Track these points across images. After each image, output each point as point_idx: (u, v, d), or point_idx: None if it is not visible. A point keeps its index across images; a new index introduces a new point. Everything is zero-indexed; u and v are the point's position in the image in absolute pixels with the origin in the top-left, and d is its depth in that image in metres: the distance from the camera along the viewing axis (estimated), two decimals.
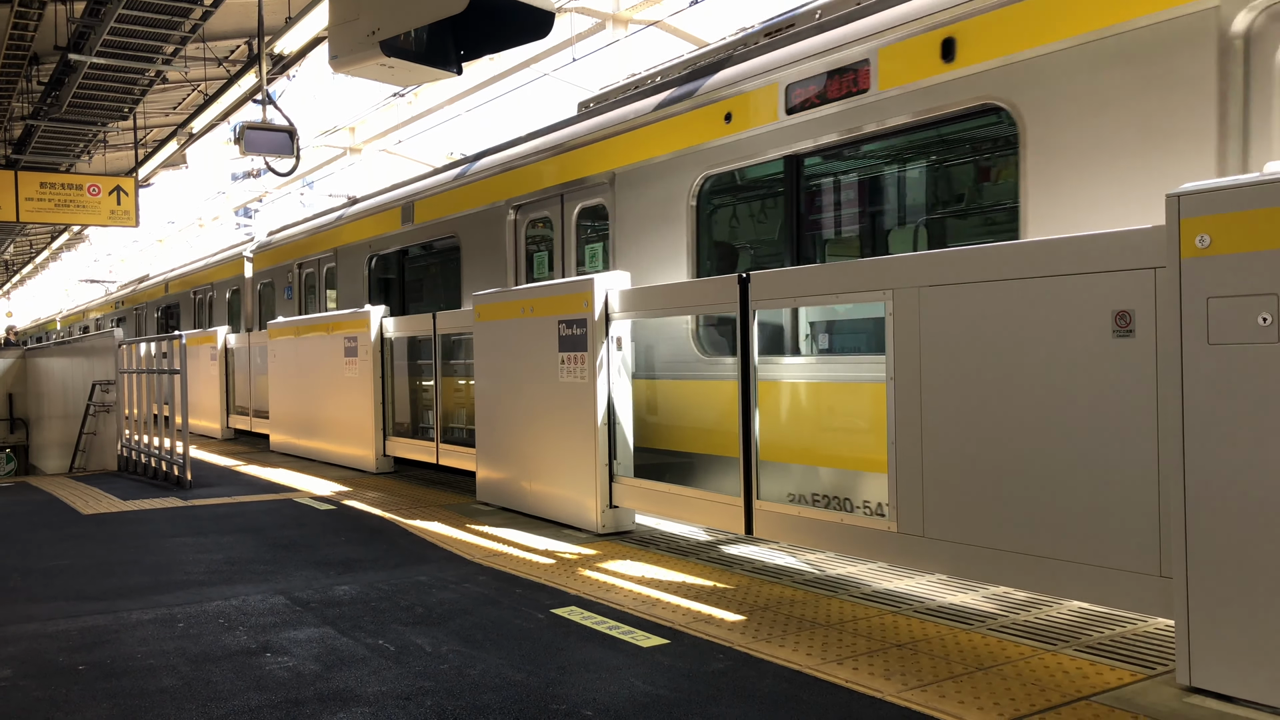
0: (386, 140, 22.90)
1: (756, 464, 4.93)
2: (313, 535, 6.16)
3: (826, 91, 5.52)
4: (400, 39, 5.94)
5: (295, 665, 3.53)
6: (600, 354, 5.83)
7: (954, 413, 3.89)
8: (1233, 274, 2.87)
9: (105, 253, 43.31)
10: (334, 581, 4.87)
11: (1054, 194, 4.46)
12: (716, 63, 6.70)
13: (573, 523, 6.10)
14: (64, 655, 3.72)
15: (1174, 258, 3.01)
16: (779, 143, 5.84)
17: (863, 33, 5.37)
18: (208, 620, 4.18)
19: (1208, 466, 2.93)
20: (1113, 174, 4.25)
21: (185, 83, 14.75)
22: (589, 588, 4.59)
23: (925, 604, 4.21)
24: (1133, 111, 4.16)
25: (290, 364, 10.90)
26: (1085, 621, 3.88)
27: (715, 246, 6.56)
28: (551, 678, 3.34)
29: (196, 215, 36.30)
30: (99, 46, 11.22)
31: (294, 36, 11.89)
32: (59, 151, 16.64)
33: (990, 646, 3.59)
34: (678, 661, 3.49)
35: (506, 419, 6.82)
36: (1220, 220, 2.89)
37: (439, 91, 19.46)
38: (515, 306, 6.65)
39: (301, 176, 26.01)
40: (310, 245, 12.98)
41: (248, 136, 10.49)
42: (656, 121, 6.79)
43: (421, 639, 3.83)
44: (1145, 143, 4.12)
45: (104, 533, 6.43)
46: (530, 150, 8.33)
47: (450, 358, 8.81)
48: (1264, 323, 2.80)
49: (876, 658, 3.49)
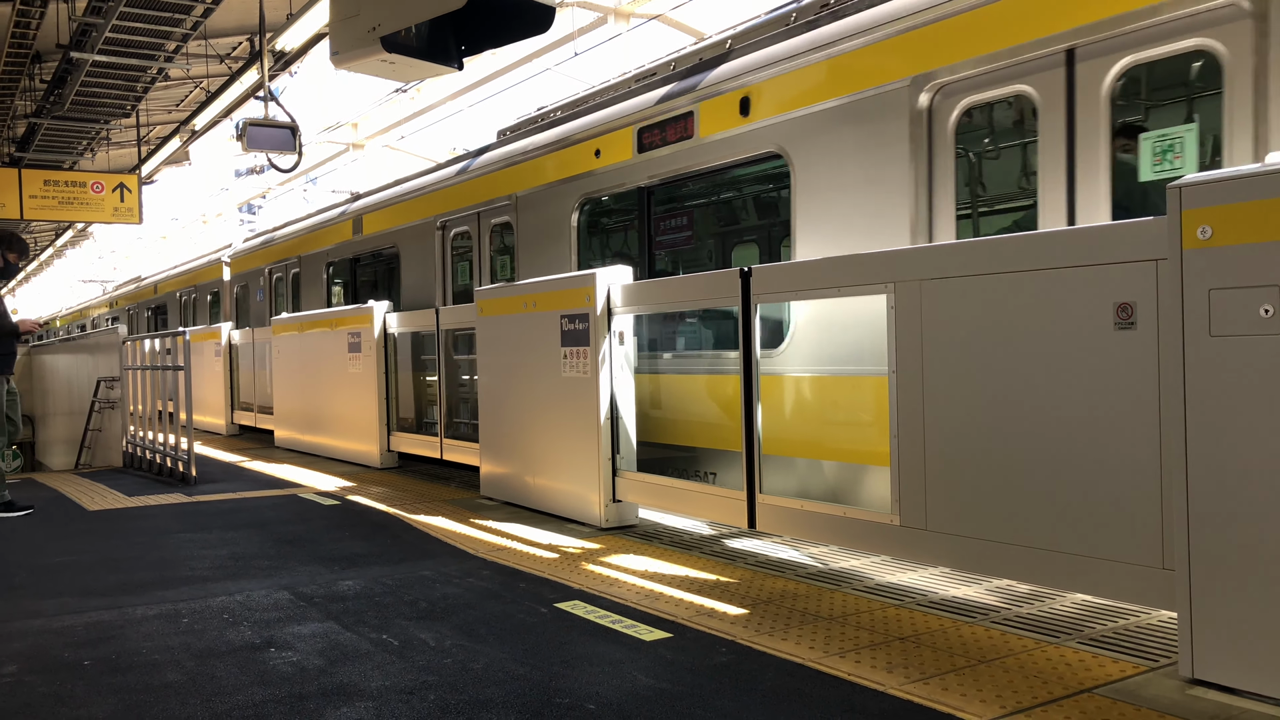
0: (389, 136, 22.89)
1: (759, 458, 4.93)
2: (317, 531, 6.17)
3: (666, 135, 6.71)
4: (401, 35, 5.93)
5: (299, 660, 3.54)
6: (603, 348, 5.83)
7: (956, 406, 3.89)
8: (1235, 265, 2.86)
9: (109, 250, 43.37)
10: (338, 577, 4.88)
11: (812, 220, 5.63)
12: (597, 104, 7.86)
13: (576, 517, 6.11)
14: (69, 651, 3.73)
15: (1175, 249, 3.00)
16: (634, 175, 7.03)
17: (690, 88, 6.54)
18: (212, 616, 4.19)
19: (1210, 458, 2.93)
20: (849, 206, 5.44)
21: (187, 80, 14.75)
22: (592, 582, 4.60)
23: (928, 597, 4.22)
24: (859, 160, 5.35)
25: (294, 360, 10.92)
26: (1088, 614, 3.89)
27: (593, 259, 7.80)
28: (555, 672, 3.35)
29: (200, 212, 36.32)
30: (101, 44, 11.22)
31: (295, 33, 11.90)
32: (62, 149, 16.65)
33: (993, 639, 3.60)
34: (681, 655, 3.49)
35: (510, 414, 6.82)
36: (1222, 211, 2.89)
37: (441, 87, 19.45)
38: (517, 301, 6.66)
39: (305, 173, 26.02)
40: (279, 252, 14.02)
41: (250, 133, 10.50)
42: (548, 153, 8.01)
43: (425, 634, 3.84)
44: (867, 183, 5.31)
45: (109, 529, 6.46)
46: (454, 173, 9.57)
47: (453, 353, 8.87)
48: (1266, 314, 2.79)
49: (879, 651, 3.49)
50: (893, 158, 5.14)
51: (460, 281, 9.45)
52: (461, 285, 9.45)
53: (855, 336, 5.22)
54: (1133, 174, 4.35)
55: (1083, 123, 4.45)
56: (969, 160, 5.01)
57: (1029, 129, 4.72)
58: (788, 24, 6.27)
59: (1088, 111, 4.43)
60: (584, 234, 7.65)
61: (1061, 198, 4.52)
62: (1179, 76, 4.33)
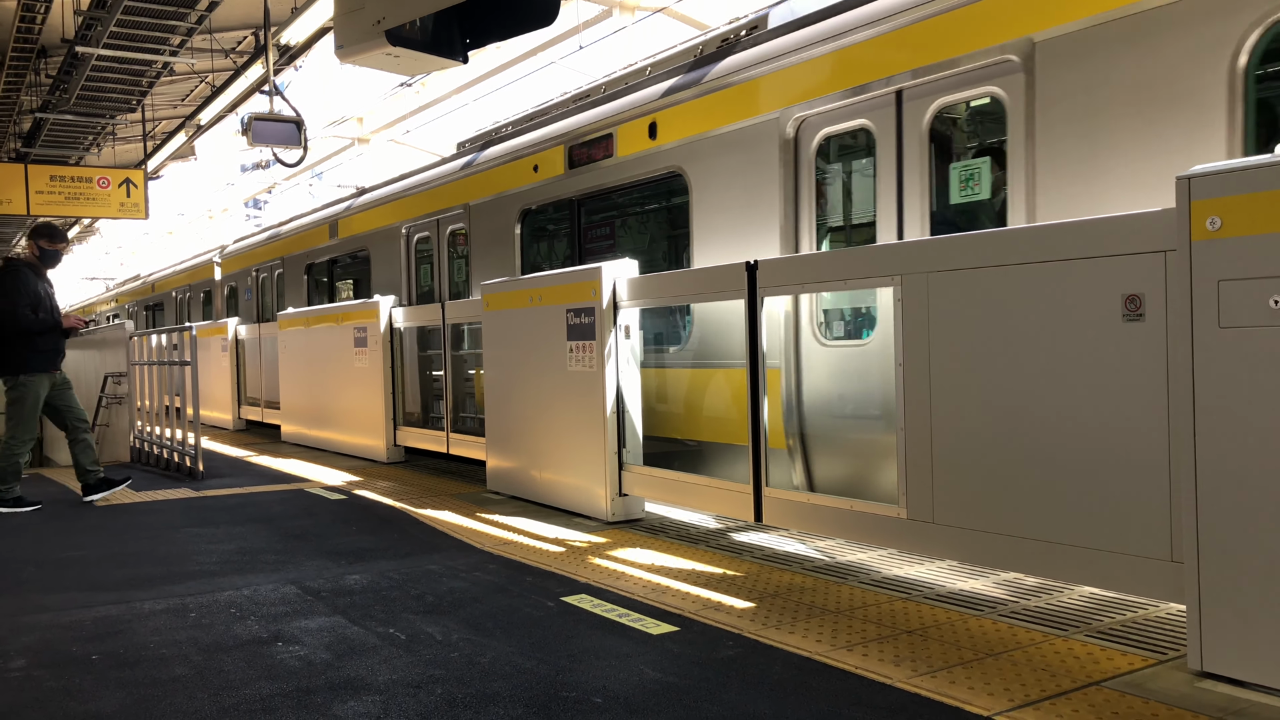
0: (395, 130, 22.88)
1: (766, 450, 4.92)
2: (324, 525, 6.18)
3: (591, 154, 7.42)
4: (406, 28, 5.92)
5: (306, 654, 3.55)
6: (609, 342, 5.82)
7: (963, 398, 3.88)
8: (1244, 256, 2.84)
9: (116, 245, 43.43)
10: (345, 571, 4.89)
11: (706, 230, 6.36)
12: (539, 123, 8.62)
13: (582, 511, 6.11)
14: (77, 645, 3.74)
15: (1184, 240, 2.98)
16: (566, 189, 7.76)
17: (611, 112, 7.28)
18: (220, 610, 4.20)
19: (1219, 450, 2.91)
20: (734, 218, 6.14)
21: (192, 74, 14.76)
22: (599, 575, 4.60)
23: (935, 590, 4.21)
24: (742, 180, 6.07)
25: (300, 355, 10.94)
26: (1096, 607, 3.87)
27: (537, 265, 8.46)
28: (562, 665, 3.35)
29: (206, 207, 36.35)
30: (106, 39, 11.22)
31: (300, 27, 11.89)
32: (68, 144, 16.67)
33: (1000, 632, 3.59)
34: (687, 649, 3.49)
35: (516, 408, 6.82)
36: (1231, 202, 2.87)
37: (447, 81, 19.42)
38: (523, 295, 6.65)
39: (310, 167, 26.02)
40: (265, 254, 14.73)
41: (255, 127, 10.50)
42: (495, 167, 8.75)
43: (432, 627, 3.85)
44: (748, 199, 6.02)
45: (117, 524, 6.47)
46: (417, 182, 10.33)
47: (459, 347, 8.88)
48: (1275, 305, 2.78)
49: (886, 644, 3.49)
50: (766, 178, 5.90)
51: (423, 283, 10.24)
52: (425, 287, 10.23)
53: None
54: (946, 196, 5.09)
55: (908, 153, 5.18)
56: (824, 181, 5.77)
57: (869, 156, 5.46)
58: (695, 56, 7.06)
59: (912, 143, 5.16)
60: (527, 241, 8.45)
61: (893, 214, 5.22)
62: (979, 116, 5.07)
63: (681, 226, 6.69)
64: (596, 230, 7.78)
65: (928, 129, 5.08)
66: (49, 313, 7.17)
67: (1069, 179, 4.42)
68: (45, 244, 7.33)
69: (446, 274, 9.69)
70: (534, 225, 8.41)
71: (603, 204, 7.65)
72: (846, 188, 5.71)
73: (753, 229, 5.97)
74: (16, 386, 7.13)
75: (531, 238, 8.43)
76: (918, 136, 5.11)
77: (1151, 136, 4.11)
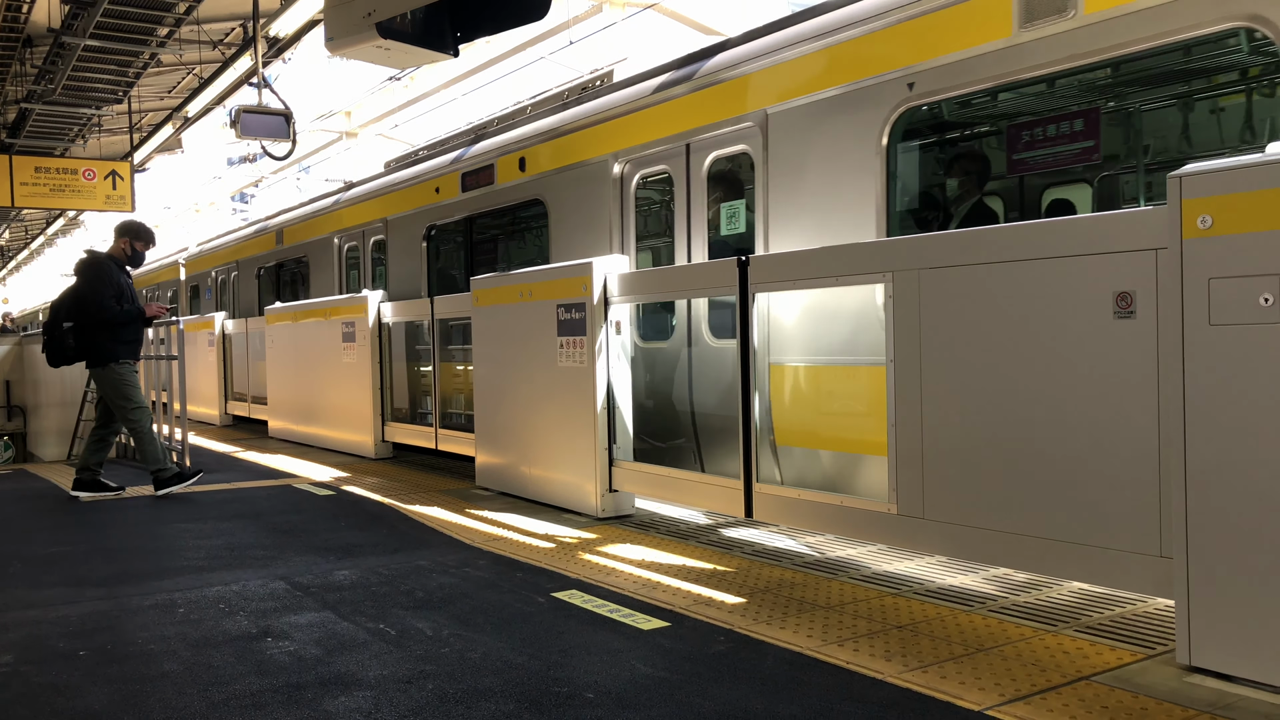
0: (383, 124, 22.78)
1: (756, 446, 4.93)
2: (312, 520, 6.16)
3: (479, 180, 8.71)
4: (396, 21, 5.89)
5: (296, 650, 3.53)
6: (599, 338, 5.82)
7: (954, 395, 3.89)
8: (1234, 255, 2.86)
9: (101, 239, 43.13)
10: (334, 566, 4.87)
11: (559, 249, 7.57)
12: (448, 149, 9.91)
13: (572, 507, 6.10)
14: (64, 641, 3.72)
15: (1175, 238, 3.00)
16: (461, 209, 9.06)
17: (491, 147, 8.69)
18: (208, 605, 4.18)
19: (1208, 447, 2.93)
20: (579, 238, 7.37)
21: (180, 66, 14.63)
22: (589, 571, 4.59)
23: (925, 586, 4.22)
24: (585, 208, 7.29)
25: (288, 350, 10.89)
26: (1085, 602, 3.89)
27: (439, 272, 9.72)
28: (553, 660, 3.35)
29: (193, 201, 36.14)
30: (92, 29, 11.12)
31: (289, 19, 11.81)
32: (54, 135, 16.52)
33: (990, 628, 3.60)
34: (679, 644, 3.49)
35: (505, 404, 6.81)
36: (1222, 201, 2.88)
37: (436, 75, 19.34)
38: (514, 291, 6.64)
39: (298, 161, 25.88)
40: (222, 257, 16.01)
41: (243, 120, 10.43)
42: (408, 187, 10.04)
43: (422, 623, 3.84)
44: (590, 224, 7.26)
45: (103, 519, 6.43)
46: (350, 197, 11.59)
47: (448, 343, 8.88)
48: (1265, 303, 2.79)
49: (877, 639, 3.50)
50: (602, 207, 7.11)
51: (351, 286, 11.59)
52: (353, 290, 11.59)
53: None
54: (717, 230, 6.32)
55: (694, 194, 6.41)
56: (642, 211, 7.09)
57: (669, 194, 6.70)
58: (562, 100, 8.39)
59: (696, 187, 6.39)
60: (432, 252, 9.73)
61: (685, 239, 6.45)
62: (739, 167, 6.20)
63: (544, 244, 7.91)
64: (484, 244, 9.29)
65: (706, 175, 6.32)
66: (130, 303, 7.38)
67: (786, 218, 5.66)
68: (139, 246, 7.55)
69: (370, 278, 11.03)
70: (438, 238, 9.73)
71: (488, 222, 9.11)
72: (656, 216, 7.17)
73: (592, 247, 7.19)
74: (108, 375, 7.26)
75: (436, 249, 9.76)
76: (700, 180, 6.36)
77: (833, 186, 5.38)
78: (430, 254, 9.67)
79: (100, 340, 7.18)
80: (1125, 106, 4.79)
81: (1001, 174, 5.14)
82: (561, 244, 7.57)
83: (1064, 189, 5.21)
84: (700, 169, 6.32)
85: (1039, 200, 5.30)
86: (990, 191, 5.27)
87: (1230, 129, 4.53)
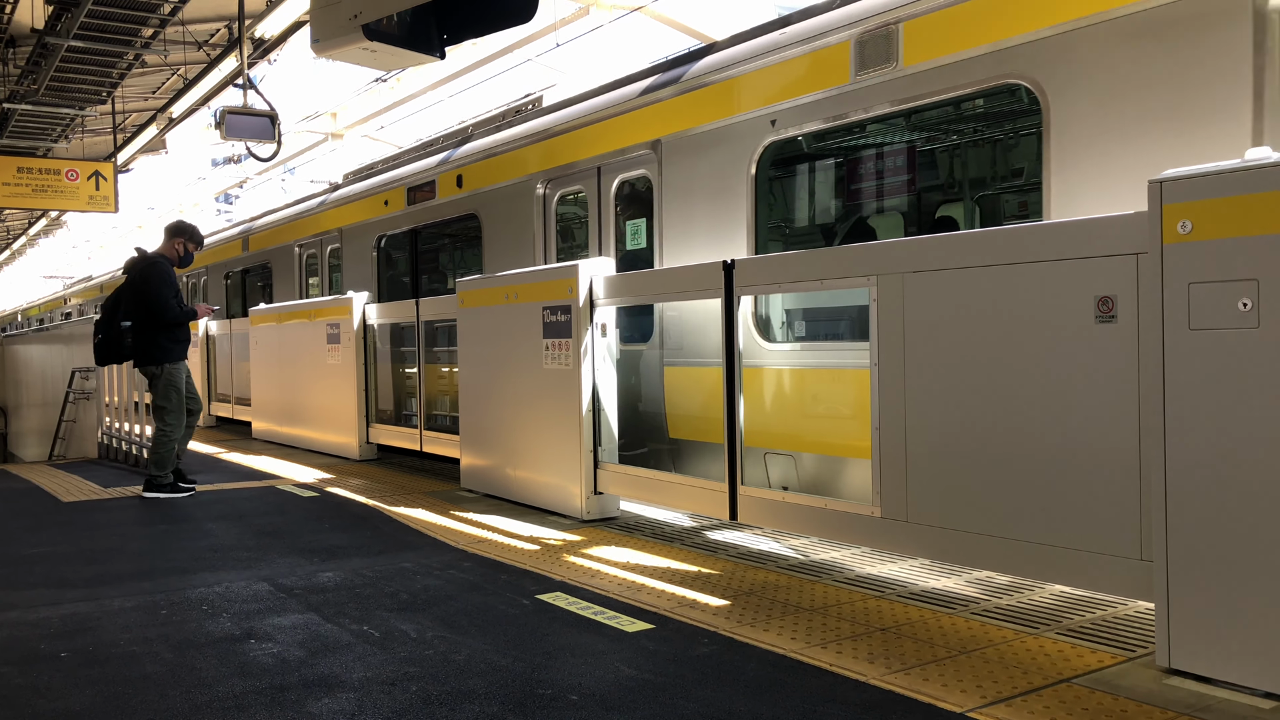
0: (369, 126, 22.69)
1: (741, 450, 4.94)
2: (296, 522, 6.14)
3: (423, 195, 9.48)
4: (383, 23, 5.88)
5: (280, 651, 3.52)
6: (585, 340, 5.82)
7: (938, 398, 3.91)
8: (1214, 260, 2.89)
9: (84, 239, 42.80)
10: (318, 568, 4.86)
11: (492, 259, 8.37)
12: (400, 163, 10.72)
13: (557, 509, 6.10)
14: (46, 642, 3.70)
15: (1156, 243, 3.03)
16: (406, 221, 9.84)
17: (434, 164, 9.42)
18: (191, 607, 4.16)
19: (1188, 451, 2.96)
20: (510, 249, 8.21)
21: (165, 66, 14.55)
22: (574, 573, 4.59)
23: (908, 588, 4.24)
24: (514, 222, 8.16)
25: (272, 351, 10.84)
26: (1067, 605, 3.92)
27: (390, 279, 10.54)
28: (537, 662, 3.35)
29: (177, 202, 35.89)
30: (76, 29, 11.06)
31: (275, 20, 11.78)
32: (36, 135, 16.39)
33: (973, 630, 3.62)
34: (663, 646, 3.50)
35: (490, 406, 6.80)
36: (1202, 206, 2.91)
37: (422, 76, 19.27)
38: (499, 293, 6.63)
39: (283, 162, 25.73)
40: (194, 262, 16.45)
41: (229, 121, 10.38)
42: (360, 199, 10.86)
43: (406, 625, 3.83)
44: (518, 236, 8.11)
45: (85, 520, 6.39)
46: (307, 208, 12.52)
47: (433, 344, 8.88)
48: (1244, 308, 2.82)
49: (860, 641, 3.51)
50: (529, 221, 7.96)
51: (312, 290, 12.43)
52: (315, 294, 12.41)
53: None
54: (624, 244, 7.13)
55: (604, 212, 7.24)
56: (561, 226, 7.99)
57: (585, 211, 7.54)
58: (499, 122, 9.11)
59: (606, 205, 7.21)
60: (382, 260, 10.53)
61: (597, 253, 7.19)
62: (641, 189, 6.97)
63: (479, 255, 8.65)
64: (427, 254, 10.22)
65: (614, 195, 7.14)
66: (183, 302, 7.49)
67: (676, 233, 6.43)
68: (191, 246, 7.70)
69: (328, 284, 11.85)
70: (387, 248, 10.54)
71: (431, 233, 9.94)
72: (574, 232, 8.08)
73: (519, 259, 8.03)
74: (163, 375, 7.32)
75: (386, 257, 10.56)
76: (609, 200, 7.16)
77: (713, 207, 6.15)
78: (380, 262, 10.50)
79: (159, 340, 7.27)
80: (934, 144, 5.80)
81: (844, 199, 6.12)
82: (493, 255, 8.37)
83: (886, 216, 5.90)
84: (609, 190, 7.18)
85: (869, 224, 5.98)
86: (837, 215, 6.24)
87: (1008, 165, 5.67)
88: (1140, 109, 4.14)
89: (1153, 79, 4.09)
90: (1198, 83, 3.95)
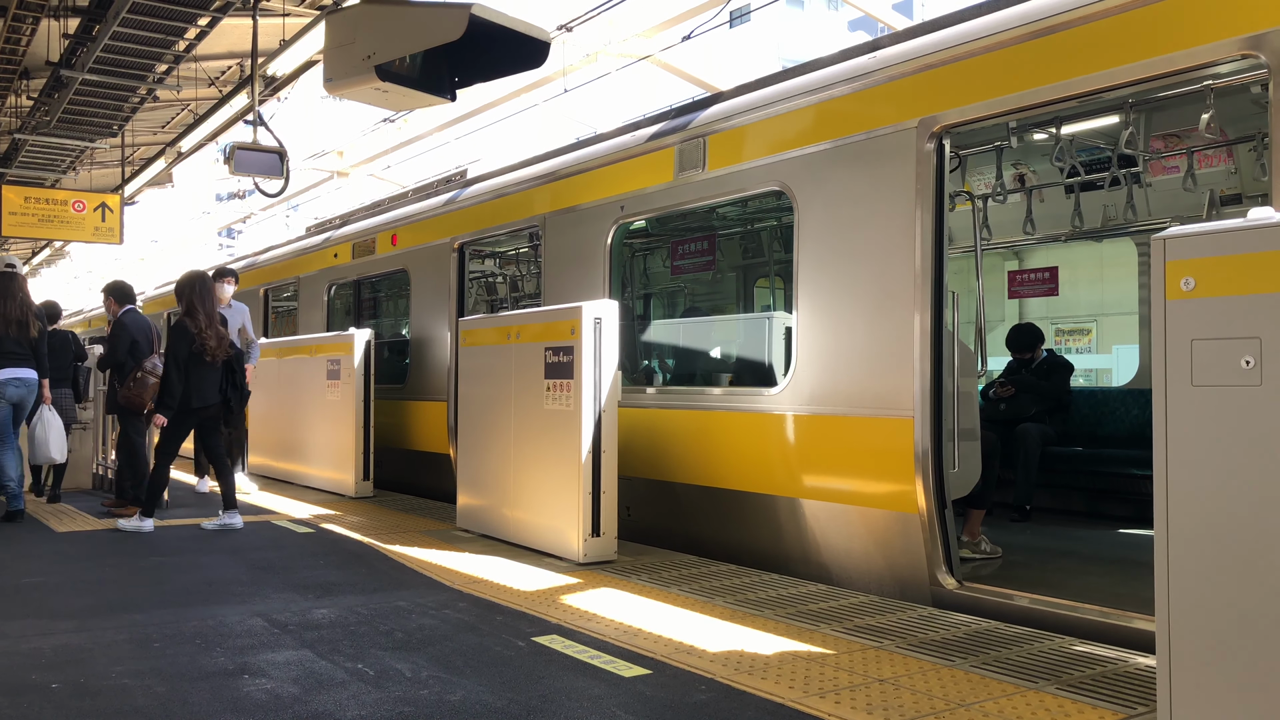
0: (375, 165, 22.89)
1: None
2: (291, 558, 6.10)
3: (365, 250, 10.83)
4: (395, 64, 5.98)
5: (273, 688, 3.49)
6: (587, 380, 5.82)
7: None
8: (1217, 317, 2.91)
9: (86, 270, 42.92)
10: (313, 604, 4.82)
11: (419, 310, 9.61)
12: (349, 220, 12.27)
13: (554, 551, 6.07)
14: (36, 673, 3.66)
15: (1159, 300, 3.05)
16: (352, 272, 11.22)
17: (375, 224, 10.87)
18: (184, 640, 4.13)
19: (1190, 508, 2.96)
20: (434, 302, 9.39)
21: (176, 101, 14.73)
22: (571, 616, 4.56)
23: (906, 640, 4.21)
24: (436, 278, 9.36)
25: (271, 385, 10.83)
26: (1067, 660, 3.89)
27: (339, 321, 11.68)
28: (532, 705, 3.32)
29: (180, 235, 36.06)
30: (91, 63, 11.20)
31: (287, 59, 11.92)
32: (46, 166, 16.53)
33: (972, 683, 3.60)
34: (659, 692, 3.47)
35: (489, 446, 6.79)
36: (1205, 264, 2.94)
37: (429, 118, 19.47)
38: (502, 332, 6.66)
39: (289, 199, 25.93)
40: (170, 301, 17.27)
41: (238, 156, 10.46)
42: (314, 251, 12.29)
43: (401, 664, 3.80)
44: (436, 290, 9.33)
45: (78, 551, 6.35)
46: (273, 256, 13.86)
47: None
48: (1247, 366, 2.84)
49: (859, 692, 3.49)
50: (444, 277, 9.20)
51: (277, 331, 13.60)
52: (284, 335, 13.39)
53: None
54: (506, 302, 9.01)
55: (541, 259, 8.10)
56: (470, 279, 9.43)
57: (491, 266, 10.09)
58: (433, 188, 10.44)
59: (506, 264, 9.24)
60: (332, 305, 11.83)
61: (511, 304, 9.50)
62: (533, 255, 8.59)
63: (409, 305, 9.90)
64: (368, 301, 11.66)
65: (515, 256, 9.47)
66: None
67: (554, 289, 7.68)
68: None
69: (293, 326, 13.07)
70: (336, 294, 11.81)
71: (371, 284, 11.39)
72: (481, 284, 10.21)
73: (438, 308, 9.24)
74: None
75: (337, 303, 11.82)
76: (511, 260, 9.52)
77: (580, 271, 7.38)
78: (330, 307, 11.82)
79: None
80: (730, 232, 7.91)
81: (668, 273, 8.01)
82: (418, 306, 9.62)
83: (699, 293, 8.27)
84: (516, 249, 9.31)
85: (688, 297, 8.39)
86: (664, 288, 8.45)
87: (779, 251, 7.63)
88: (852, 209, 5.40)
89: (857, 189, 5.38)
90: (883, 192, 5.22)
